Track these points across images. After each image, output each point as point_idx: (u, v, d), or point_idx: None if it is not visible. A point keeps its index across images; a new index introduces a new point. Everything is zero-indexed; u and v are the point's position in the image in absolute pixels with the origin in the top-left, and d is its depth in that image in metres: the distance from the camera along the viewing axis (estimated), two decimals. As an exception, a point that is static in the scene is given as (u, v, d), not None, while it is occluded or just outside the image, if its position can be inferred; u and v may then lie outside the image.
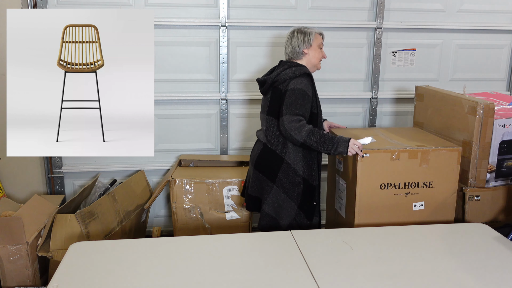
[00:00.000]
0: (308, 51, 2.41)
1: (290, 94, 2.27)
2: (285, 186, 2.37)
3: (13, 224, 2.44)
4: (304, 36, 2.39)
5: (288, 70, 2.35)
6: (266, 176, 2.41)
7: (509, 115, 2.47)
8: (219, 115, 3.26)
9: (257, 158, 2.46)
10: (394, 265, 1.79)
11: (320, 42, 2.45)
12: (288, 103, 2.25)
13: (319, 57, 2.45)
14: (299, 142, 2.23)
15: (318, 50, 2.44)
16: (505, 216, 2.55)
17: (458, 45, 3.39)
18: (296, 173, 2.36)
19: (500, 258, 1.84)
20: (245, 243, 2.01)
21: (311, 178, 2.40)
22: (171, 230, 3.19)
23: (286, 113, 2.24)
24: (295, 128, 2.21)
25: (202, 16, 3.10)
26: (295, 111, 2.24)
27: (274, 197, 2.40)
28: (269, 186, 2.40)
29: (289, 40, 2.43)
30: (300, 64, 2.40)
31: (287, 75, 2.32)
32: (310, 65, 2.44)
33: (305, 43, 2.39)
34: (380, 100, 3.39)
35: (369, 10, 3.25)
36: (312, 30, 2.43)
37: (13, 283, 2.55)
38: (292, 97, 2.26)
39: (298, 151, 2.35)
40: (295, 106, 2.25)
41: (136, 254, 1.86)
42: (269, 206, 2.42)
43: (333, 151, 2.23)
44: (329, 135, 2.27)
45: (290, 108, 2.24)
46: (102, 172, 3.20)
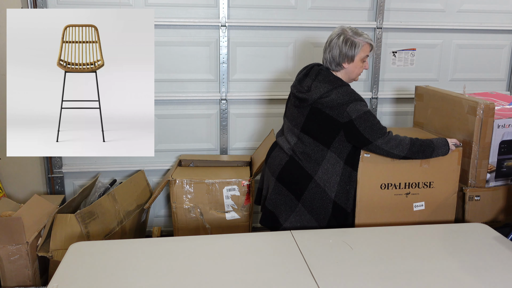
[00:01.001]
0: (347, 65, 2.20)
1: (363, 121, 2.11)
2: (311, 206, 2.21)
3: (13, 224, 2.44)
4: (349, 46, 2.16)
5: (334, 93, 2.11)
6: (290, 191, 2.24)
7: (509, 115, 2.47)
8: (219, 115, 3.25)
9: (282, 170, 2.27)
10: (394, 265, 1.79)
11: (365, 55, 2.21)
12: (369, 129, 2.12)
13: (358, 72, 2.25)
14: (401, 156, 2.19)
15: (360, 64, 2.22)
16: (505, 216, 2.55)
17: (458, 45, 3.39)
18: (326, 195, 2.19)
19: (500, 258, 1.84)
20: (245, 243, 2.01)
21: (346, 203, 2.24)
22: (171, 230, 3.19)
23: (376, 139, 2.13)
24: (395, 146, 2.16)
25: (202, 16, 3.10)
26: (381, 131, 2.14)
27: (298, 216, 2.23)
28: (294, 203, 2.23)
29: (332, 45, 2.19)
30: (343, 82, 2.18)
31: (335, 101, 2.11)
32: (348, 78, 2.25)
33: (347, 57, 2.17)
34: (380, 100, 3.39)
35: (369, 10, 3.25)
36: (361, 40, 2.17)
37: (13, 283, 2.55)
38: (367, 123, 2.12)
39: (336, 173, 2.19)
40: (377, 127, 2.14)
41: (136, 254, 1.86)
42: (291, 224, 2.23)
43: (434, 155, 2.24)
44: (426, 140, 2.22)
45: (375, 132, 2.13)
46: (102, 172, 3.20)
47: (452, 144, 2.30)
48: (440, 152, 2.25)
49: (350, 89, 2.17)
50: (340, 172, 2.20)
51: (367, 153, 2.26)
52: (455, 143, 2.33)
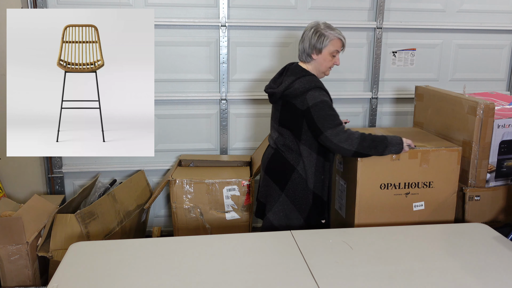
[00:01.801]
0: (316, 57, 2.24)
1: (317, 110, 2.13)
2: (294, 196, 2.27)
3: (13, 224, 2.44)
4: (318, 38, 2.20)
5: (297, 82, 2.19)
6: (275, 182, 2.32)
7: (509, 115, 2.47)
8: (219, 115, 3.26)
9: (268, 163, 2.37)
10: (394, 265, 1.79)
11: (335, 50, 2.24)
12: (322, 118, 2.13)
13: (328, 65, 2.28)
14: (352, 151, 2.13)
15: (329, 58, 2.25)
16: (505, 216, 2.55)
17: (458, 45, 3.39)
18: (307, 186, 2.26)
19: (500, 258, 1.84)
20: (245, 243, 2.01)
21: (323, 193, 2.31)
22: (171, 230, 3.19)
23: (326, 129, 2.12)
24: (345, 139, 2.12)
25: (202, 16, 3.10)
26: (333, 123, 2.13)
27: (281, 206, 2.30)
28: (277, 194, 2.31)
29: (304, 37, 2.25)
30: (308, 72, 2.24)
31: (297, 90, 2.17)
32: (317, 71, 2.29)
33: (316, 48, 2.22)
34: (380, 100, 3.39)
35: (369, 10, 3.25)
36: (331, 34, 2.21)
37: (13, 283, 2.55)
38: (321, 112, 2.13)
39: (311, 164, 2.24)
40: (330, 118, 2.14)
41: (136, 254, 1.86)
42: (274, 214, 2.32)
43: (386, 152, 2.19)
44: (379, 136, 2.18)
45: (327, 122, 2.13)
46: (102, 172, 3.20)
47: (406, 144, 2.24)
48: (394, 150, 2.20)
49: (314, 78, 2.23)
50: (314, 163, 2.26)
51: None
52: (409, 144, 2.26)
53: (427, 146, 2.36)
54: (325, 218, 2.37)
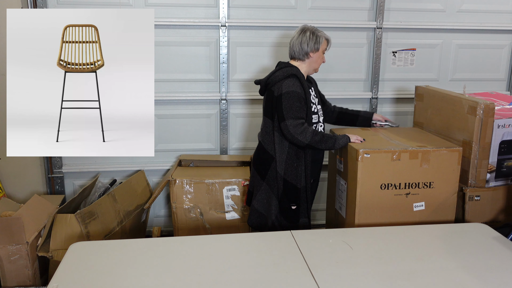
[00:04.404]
0: (313, 55, 2.47)
1: (288, 98, 2.33)
2: (272, 184, 2.45)
3: (13, 224, 2.44)
4: (315, 39, 2.44)
5: (279, 71, 2.42)
6: (258, 172, 2.52)
7: (509, 115, 2.47)
8: (219, 115, 3.26)
9: (254, 155, 2.61)
10: (394, 265, 1.79)
11: (325, 48, 2.51)
12: (288, 107, 2.32)
13: (320, 62, 2.53)
14: (305, 143, 2.33)
15: (322, 55, 2.51)
16: (505, 216, 2.55)
17: (458, 45, 3.39)
18: (277, 173, 2.42)
19: (500, 258, 1.84)
20: (245, 243, 2.01)
21: (296, 180, 2.43)
22: (171, 230, 3.19)
23: (288, 118, 2.32)
24: (300, 132, 2.31)
25: (202, 16, 3.10)
26: (296, 114, 2.32)
27: (263, 194, 2.49)
28: (260, 183, 2.50)
29: (299, 38, 2.45)
30: (291, 65, 2.46)
31: (277, 77, 2.39)
32: (310, 68, 2.52)
33: (314, 47, 2.45)
34: (380, 100, 3.39)
35: (369, 10, 3.25)
36: (322, 35, 2.47)
37: (13, 283, 2.55)
38: (290, 101, 2.32)
39: (283, 152, 2.41)
40: (295, 109, 2.32)
41: (136, 254, 1.86)
42: (258, 202, 2.50)
43: (337, 145, 2.38)
44: (329, 134, 2.42)
45: (291, 112, 2.32)
46: (102, 172, 3.20)
47: (354, 138, 2.41)
48: (342, 142, 2.39)
49: (295, 70, 2.42)
50: (286, 150, 2.41)
51: (367, 153, 2.26)
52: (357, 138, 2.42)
53: (427, 147, 2.36)
54: (301, 203, 2.46)
